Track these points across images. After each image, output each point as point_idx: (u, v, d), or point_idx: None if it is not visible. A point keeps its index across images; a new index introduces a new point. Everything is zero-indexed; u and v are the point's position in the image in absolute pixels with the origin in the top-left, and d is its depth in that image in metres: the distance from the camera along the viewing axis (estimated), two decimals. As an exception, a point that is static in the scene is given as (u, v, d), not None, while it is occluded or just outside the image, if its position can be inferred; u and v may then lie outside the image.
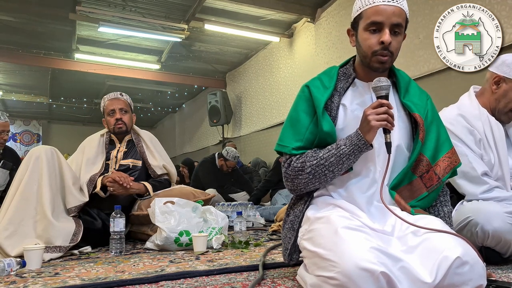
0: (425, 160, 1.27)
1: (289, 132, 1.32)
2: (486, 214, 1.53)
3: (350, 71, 1.33)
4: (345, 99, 1.30)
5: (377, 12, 1.20)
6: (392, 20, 1.20)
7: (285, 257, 1.34)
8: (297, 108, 1.33)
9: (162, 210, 2.17)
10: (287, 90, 6.31)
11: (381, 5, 1.20)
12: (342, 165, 1.20)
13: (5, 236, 1.89)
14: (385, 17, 1.19)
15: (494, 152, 1.69)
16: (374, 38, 1.22)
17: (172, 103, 11.03)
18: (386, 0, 1.19)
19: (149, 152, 2.68)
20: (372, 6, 1.21)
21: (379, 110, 1.15)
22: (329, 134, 1.24)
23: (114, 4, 5.45)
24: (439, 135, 1.32)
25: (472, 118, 1.72)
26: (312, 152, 1.25)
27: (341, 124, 1.28)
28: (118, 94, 2.76)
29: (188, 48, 7.07)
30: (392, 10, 1.19)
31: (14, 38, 6.42)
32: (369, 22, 1.21)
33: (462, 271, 0.98)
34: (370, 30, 1.22)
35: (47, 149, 2.16)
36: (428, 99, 1.37)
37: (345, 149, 1.18)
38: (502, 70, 1.73)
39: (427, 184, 1.27)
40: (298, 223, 1.29)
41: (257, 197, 4.39)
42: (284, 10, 5.57)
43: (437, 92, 3.73)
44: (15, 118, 12.01)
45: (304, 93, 1.33)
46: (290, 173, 1.27)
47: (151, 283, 1.39)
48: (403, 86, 1.33)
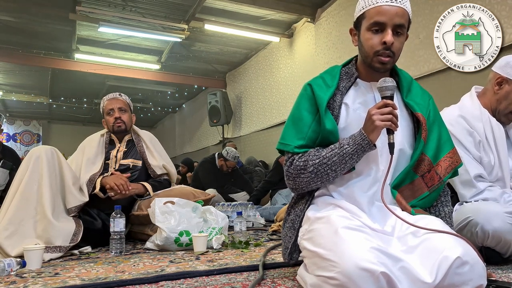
0: (427, 160, 1.27)
1: (291, 130, 1.31)
2: (486, 214, 1.53)
3: (353, 70, 1.33)
4: (347, 98, 1.30)
5: (380, 13, 1.20)
6: (395, 21, 1.20)
7: (285, 256, 1.34)
8: (299, 106, 1.33)
9: (162, 210, 2.17)
10: (287, 90, 6.31)
11: (384, 5, 1.20)
12: (345, 165, 1.20)
13: (5, 236, 1.89)
14: (388, 18, 1.19)
15: (494, 153, 1.69)
16: (377, 38, 1.22)
17: (172, 103, 11.03)
18: (389, 1, 1.19)
19: (149, 152, 2.68)
20: (375, 6, 1.21)
21: (384, 110, 1.15)
22: (331, 133, 1.24)
23: (114, 4, 5.45)
24: (441, 135, 1.32)
25: (472, 119, 1.72)
26: (315, 151, 1.25)
27: (343, 123, 1.28)
28: (117, 94, 2.77)
29: (188, 48, 7.07)
30: (395, 10, 1.19)
31: (14, 38, 6.42)
32: (372, 22, 1.22)
33: (462, 271, 0.98)
34: (373, 30, 1.22)
35: (47, 149, 2.16)
36: (430, 99, 1.37)
37: (349, 149, 1.18)
38: (505, 71, 1.72)
39: (428, 183, 1.28)
40: (299, 222, 1.29)
41: (257, 197, 4.39)
42: (284, 10, 5.57)
43: (437, 92, 3.72)
44: (15, 118, 12.02)
45: (306, 91, 1.33)
46: (292, 171, 1.26)
47: (151, 283, 1.39)
48: (405, 85, 1.34)
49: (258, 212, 3.50)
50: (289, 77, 6.34)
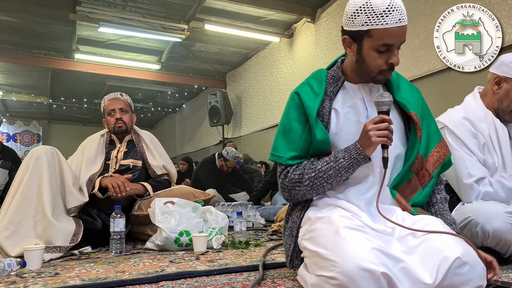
0: (420, 158, 1.28)
1: (282, 141, 1.30)
2: (486, 214, 1.53)
3: (339, 74, 1.31)
4: (336, 103, 1.29)
5: (389, 35, 1.15)
6: (402, 40, 1.18)
7: (286, 263, 1.34)
8: (288, 116, 1.31)
9: (162, 210, 2.17)
10: (287, 90, 6.31)
11: (394, 27, 1.14)
12: (340, 177, 1.21)
13: (5, 236, 1.89)
14: (397, 40, 1.17)
15: (498, 154, 1.70)
16: (383, 58, 1.19)
17: (172, 103, 11.04)
18: (398, 22, 1.14)
19: (149, 152, 2.68)
20: (384, 28, 1.14)
21: (380, 126, 1.14)
22: (323, 142, 1.23)
23: (114, 4, 5.45)
24: (429, 130, 1.32)
25: (477, 120, 1.73)
26: (310, 164, 1.24)
27: (334, 129, 1.27)
28: (118, 94, 2.76)
29: (188, 48, 7.07)
30: (403, 31, 1.17)
31: (15, 38, 6.43)
32: (380, 44, 1.17)
33: (462, 272, 0.97)
34: (380, 51, 1.18)
35: (48, 149, 2.16)
36: (418, 93, 1.37)
37: (344, 163, 1.18)
38: (501, 70, 1.73)
39: (421, 181, 1.28)
40: (296, 229, 1.29)
41: (257, 197, 4.39)
42: (284, 10, 5.57)
43: (437, 92, 3.74)
44: (15, 118, 12.02)
45: (294, 100, 1.31)
46: (288, 184, 1.26)
47: (151, 283, 1.39)
48: (394, 84, 1.33)
49: (258, 212, 3.50)
50: (289, 77, 6.34)
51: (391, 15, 1.13)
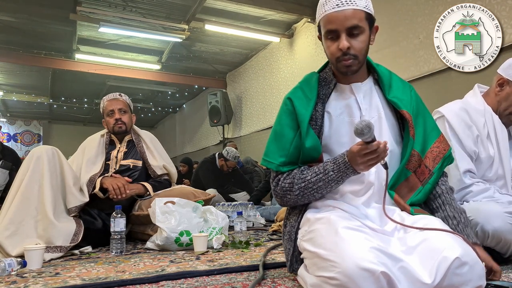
0: (417, 155, 1.28)
1: (273, 146, 1.31)
2: (486, 214, 1.53)
3: (330, 76, 1.32)
4: (329, 106, 1.30)
5: (329, 21, 1.20)
6: (346, 24, 1.18)
7: (287, 267, 1.34)
8: (281, 122, 1.32)
9: (163, 210, 2.17)
10: (288, 90, 6.15)
11: (331, 12, 1.19)
12: (330, 188, 1.22)
13: (6, 235, 1.89)
14: (337, 24, 1.18)
15: (495, 147, 1.70)
16: (334, 45, 1.21)
17: (172, 103, 11.04)
18: (335, 7, 1.18)
19: (149, 152, 2.69)
20: (325, 15, 1.20)
21: (368, 156, 1.12)
22: (313, 149, 1.24)
23: (114, 5, 5.45)
24: (426, 126, 1.32)
25: (475, 113, 1.73)
26: (300, 174, 1.25)
27: (327, 132, 1.27)
28: (117, 95, 2.76)
29: (188, 48, 7.07)
30: (343, 15, 1.18)
31: (15, 39, 6.43)
32: (325, 31, 1.22)
33: (461, 272, 0.97)
34: (329, 38, 1.22)
35: (48, 149, 2.16)
36: (411, 91, 1.36)
37: (333, 175, 1.19)
38: (507, 73, 1.73)
39: (420, 178, 1.28)
40: (294, 233, 1.29)
41: (257, 197, 4.39)
42: (284, 10, 5.57)
43: (437, 92, 3.74)
44: (15, 118, 12.02)
45: (287, 106, 1.32)
46: (279, 191, 1.28)
47: (151, 283, 1.39)
48: (386, 82, 1.32)
49: (258, 212, 3.51)
50: (289, 77, 6.34)
51: (329, 2, 1.19)
